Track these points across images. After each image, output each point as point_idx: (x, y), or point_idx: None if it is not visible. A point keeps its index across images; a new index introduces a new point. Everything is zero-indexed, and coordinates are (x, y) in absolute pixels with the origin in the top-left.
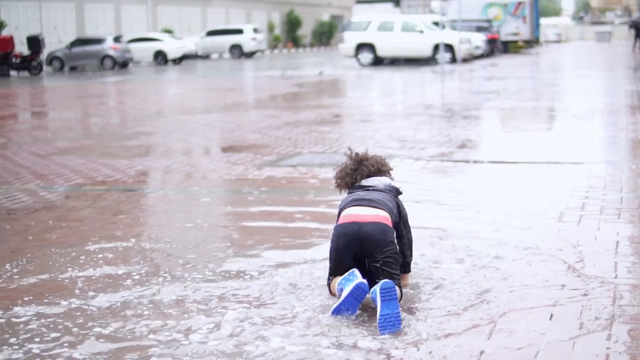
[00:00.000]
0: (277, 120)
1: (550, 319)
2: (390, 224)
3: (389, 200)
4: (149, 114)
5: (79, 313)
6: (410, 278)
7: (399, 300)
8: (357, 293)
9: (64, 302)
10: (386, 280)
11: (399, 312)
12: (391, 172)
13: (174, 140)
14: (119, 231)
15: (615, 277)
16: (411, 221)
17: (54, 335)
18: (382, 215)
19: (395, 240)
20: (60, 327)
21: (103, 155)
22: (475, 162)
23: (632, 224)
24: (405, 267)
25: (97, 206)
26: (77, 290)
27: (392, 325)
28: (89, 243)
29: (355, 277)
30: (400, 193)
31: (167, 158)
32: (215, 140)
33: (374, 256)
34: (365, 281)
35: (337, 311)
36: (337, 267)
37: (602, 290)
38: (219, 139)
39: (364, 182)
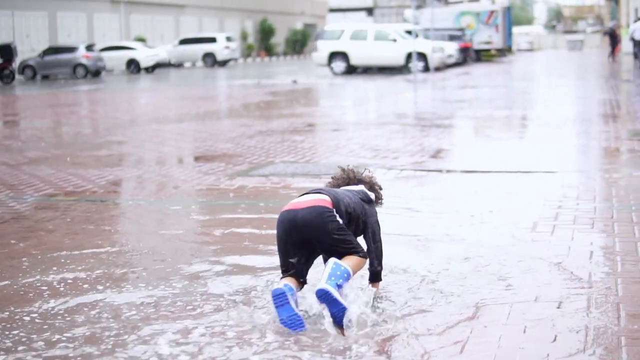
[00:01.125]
0: (250, 129)
1: (524, 332)
2: (330, 205)
3: (347, 196)
4: (120, 123)
5: (40, 320)
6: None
7: (376, 290)
8: (291, 321)
9: (23, 311)
10: (321, 289)
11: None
12: (377, 189)
13: (146, 150)
14: (87, 242)
15: (590, 287)
16: (384, 229)
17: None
18: (319, 199)
19: (339, 219)
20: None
21: (74, 165)
22: (448, 171)
23: (605, 234)
24: (374, 277)
25: (66, 217)
26: (39, 300)
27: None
28: (58, 253)
29: (278, 303)
30: (370, 200)
31: (138, 168)
32: (187, 150)
33: (320, 241)
34: (289, 305)
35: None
36: (283, 259)
37: (575, 301)
38: (191, 148)
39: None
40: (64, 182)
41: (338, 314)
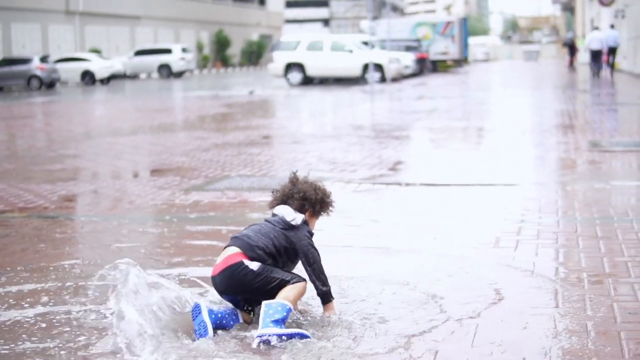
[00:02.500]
0: (205, 142)
1: (491, 355)
2: (242, 257)
3: (265, 234)
4: (74, 136)
5: None
6: (336, 307)
7: (331, 312)
8: (198, 328)
9: None
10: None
11: (202, 322)
12: (313, 199)
13: (100, 164)
14: (37, 260)
15: (556, 307)
16: (344, 243)
17: None
18: (229, 256)
19: (252, 267)
20: None
21: (25, 180)
22: (407, 184)
23: (569, 248)
24: (324, 298)
25: (16, 234)
26: None
27: (201, 334)
28: (6, 271)
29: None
30: (292, 227)
31: (91, 183)
32: (142, 164)
33: (247, 294)
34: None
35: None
36: None
37: (542, 321)
38: (146, 162)
39: (275, 210)
40: (15, 197)
41: (300, 337)
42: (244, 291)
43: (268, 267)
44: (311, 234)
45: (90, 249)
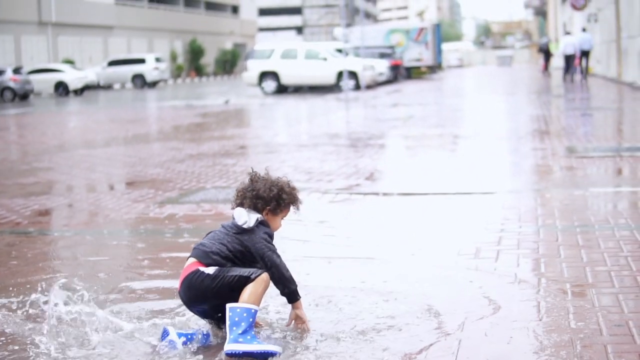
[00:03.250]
0: (180, 153)
1: None
2: (198, 265)
3: (218, 239)
4: (47, 149)
5: None
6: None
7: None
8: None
9: None
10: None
11: (171, 340)
12: (267, 197)
13: (73, 176)
14: (8, 277)
15: (540, 320)
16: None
17: None
18: (187, 267)
19: (208, 271)
20: None
21: None
22: (384, 194)
23: (550, 257)
24: (289, 297)
25: None
26: None
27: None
28: None
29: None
30: (243, 230)
31: (64, 196)
32: (116, 176)
33: (210, 300)
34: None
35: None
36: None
37: (526, 334)
38: (120, 174)
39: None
40: None
41: (266, 356)
42: (206, 297)
43: (225, 268)
44: (269, 235)
45: (62, 265)
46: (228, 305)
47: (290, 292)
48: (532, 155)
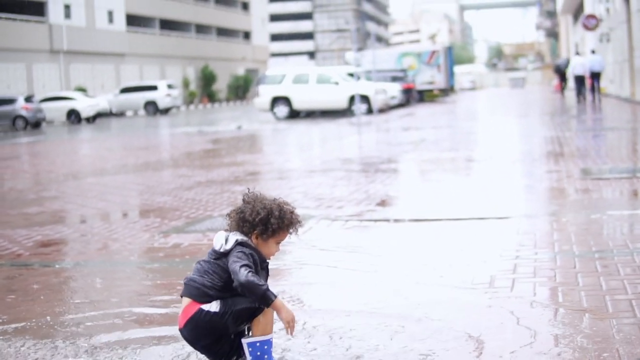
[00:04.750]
0: (189, 180)
1: None
2: (198, 305)
3: (205, 271)
4: (56, 177)
5: None
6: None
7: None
8: None
9: None
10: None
11: None
12: (252, 220)
13: (79, 206)
14: (5, 313)
15: (559, 355)
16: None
17: None
18: (187, 307)
19: (210, 306)
20: None
21: (0, 225)
22: (395, 220)
23: (568, 286)
24: (264, 303)
25: None
26: None
27: None
28: None
29: None
30: (220, 255)
31: (68, 226)
32: (122, 205)
33: (224, 338)
34: None
35: None
36: None
37: None
38: (126, 203)
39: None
40: None
41: None
42: (215, 334)
43: (228, 302)
44: (245, 255)
45: (59, 301)
46: (246, 341)
47: (260, 296)
48: (546, 178)
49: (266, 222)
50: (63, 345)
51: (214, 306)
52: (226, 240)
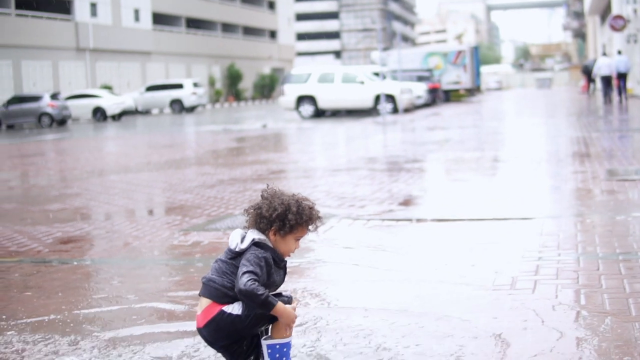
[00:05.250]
0: (211, 178)
1: None
2: (219, 307)
3: (222, 271)
4: (79, 175)
5: None
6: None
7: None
8: None
9: None
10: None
11: None
12: (272, 217)
13: (100, 203)
14: (21, 311)
15: (580, 359)
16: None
17: None
18: (207, 308)
19: (232, 308)
20: None
21: (21, 221)
22: (418, 220)
23: (591, 288)
24: (265, 309)
25: (3, 281)
26: None
27: None
28: None
29: None
30: (236, 255)
31: (89, 223)
32: (144, 202)
33: (242, 338)
34: None
35: None
36: None
37: None
38: (147, 200)
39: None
40: (8, 240)
41: None
42: (238, 335)
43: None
44: (259, 257)
45: (74, 299)
46: (266, 343)
47: (260, 304)
48: (572, 179)
49: (283, 218)
50: (80, 338)
51: (236, 308)
52: (242, 239)
